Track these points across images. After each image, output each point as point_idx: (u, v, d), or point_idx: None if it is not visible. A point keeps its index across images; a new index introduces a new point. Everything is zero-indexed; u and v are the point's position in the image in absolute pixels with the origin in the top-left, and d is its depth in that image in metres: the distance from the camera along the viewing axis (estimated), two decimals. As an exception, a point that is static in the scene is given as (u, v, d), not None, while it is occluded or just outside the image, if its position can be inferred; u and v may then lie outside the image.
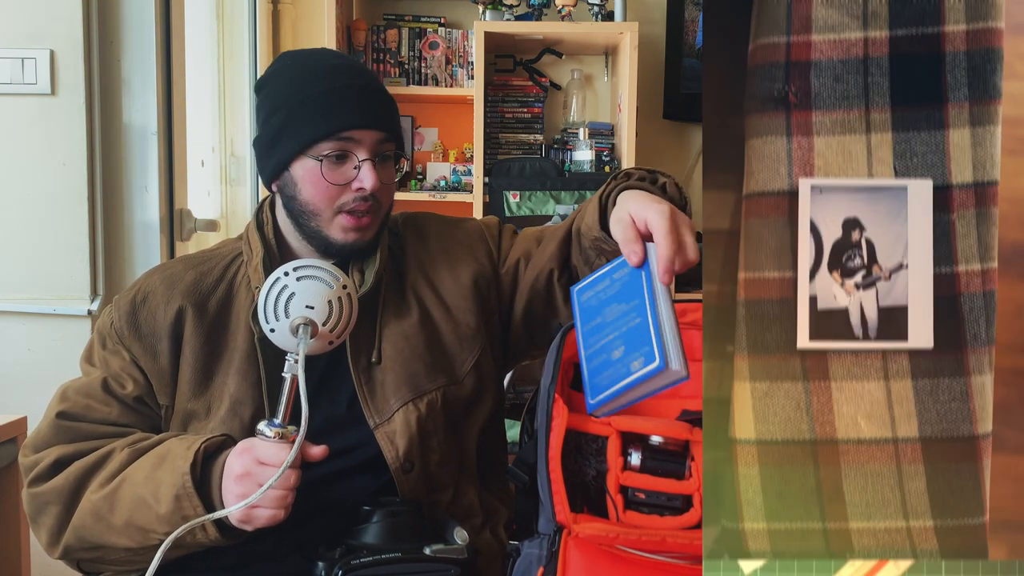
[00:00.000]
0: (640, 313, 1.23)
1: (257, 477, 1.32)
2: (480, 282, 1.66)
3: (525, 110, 3.74)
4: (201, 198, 3.10)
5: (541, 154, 3.71)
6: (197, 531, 1.37)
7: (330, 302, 1.38)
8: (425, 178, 3.79)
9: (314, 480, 1.48)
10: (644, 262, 1.28)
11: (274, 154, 1.56)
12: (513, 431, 2.88)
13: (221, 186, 3.24)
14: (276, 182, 1.58)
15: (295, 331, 1.37)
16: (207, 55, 3.29)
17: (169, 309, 1.54)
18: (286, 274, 1.38)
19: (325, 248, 1.56)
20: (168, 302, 1.55)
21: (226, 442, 1.42)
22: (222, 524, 1.37)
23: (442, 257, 1.67)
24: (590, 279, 1.34)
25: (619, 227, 1.33)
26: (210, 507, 1.37)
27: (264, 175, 1.61)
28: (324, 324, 1.38)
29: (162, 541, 1.35)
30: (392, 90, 3.65)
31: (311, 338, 1.36)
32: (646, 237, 1.30)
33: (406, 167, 2.00)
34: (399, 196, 3.61)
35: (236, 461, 1.36)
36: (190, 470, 1.37)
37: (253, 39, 3.53)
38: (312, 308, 1.37)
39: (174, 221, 2.55)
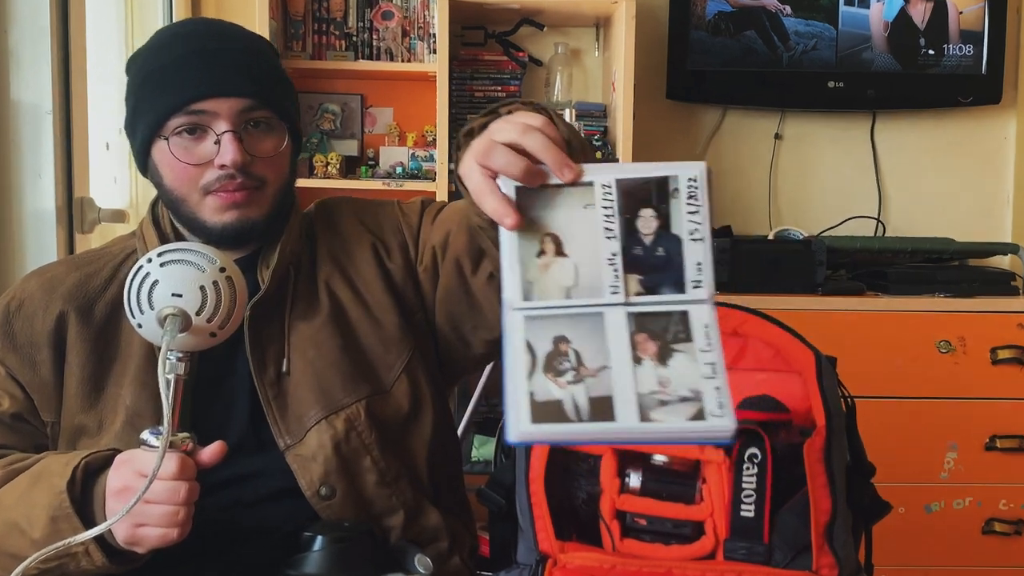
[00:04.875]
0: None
1: (138, 492, 1.31)
2: (396, 275, 1.68)
3: (499, 88, 3.75)
4: (106, 185, 3.09)
5: (518, 140, 3.72)
6: (80, 556, 1.37)
7: (202, 287, 1.36)
8: (378, 164, 3.80)
9: (227, 506, 1.50)
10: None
11: (135, 140, 1.60)
12: (486, 448, 2.88)
13: (130, 171, 3.23)
14: (149, 171, 1.62)
15: (162, 323, 1.36)
16: (114, 25, 3.28)
17: (48, 315, 1.57)
18: (149, 260, 1.38)
19: (207, 236, 1.58)
20: (47, 307, 1.58)
21: (112, 457, 1.42)
22: (111, 548, 1.38)
23: (357, 247, 1.69)
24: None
25: (469, 182, 1.17)
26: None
27: (137, 165, 1.65)
28: (198, 314, 1.36)
29: (41, 572, 1.37)
30: (337, 65, 3.67)
31: (184, 331, 1.35)
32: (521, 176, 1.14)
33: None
34: (347, 185, 3.61)
35: (115, 475, 1.37)
36: (67, 488, 1.37)
37: (168, 8, 3.54)
38: (180, 296, 1.36)
39: (73, 211, 2.55)
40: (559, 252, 1.15)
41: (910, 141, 3.93)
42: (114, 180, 3.18)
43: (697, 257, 1.13)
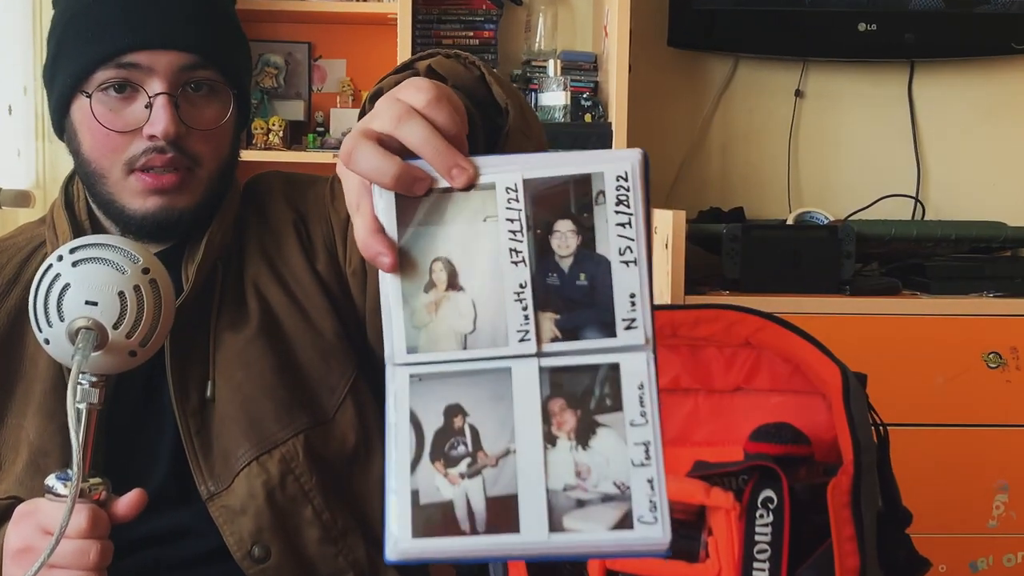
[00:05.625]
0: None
1: (42, 554, 1.26)
2: (325, 277, 1.65)
3: (471, 33, 3.74)
4: (8, 159, 3.07)
5: (494, 96, 3.71)
6: None
7: (122, 294, 1.31)
8: (328, 131, 3.77)
9: (147, 570, 1.50)
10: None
11: (52, 93, 1.57)
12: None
13: (37, 142, 3.21)
14: (65, 134, 1.59)
15: (73, 338, 1.31)
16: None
17: None
18: (60, 258, 1.32)
19: (125, 225, 1.56)
20: None
21: (12, 507, 1.40)
22: None
23: (288, 236, 1.66)
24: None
25: (344, 188, 1.04)
26: None
27: (53, 124, 1.62)
28: (116, 327, 1.31)
29: None
30: (280, 6, 3.64)
31: (99, 348, 1.30)
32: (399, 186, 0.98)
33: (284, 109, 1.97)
34: (291, 158, 3.59)
35: (15, 531, 1.35)
36: None
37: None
38: (95, 304, 1.30)
39: (-37, 194, 2.53)
40: (452, 284, 1.02)
41: (955, 98, 3.91)
42: (17, 153, 3.15)
43: (630, 287, 1.00)
